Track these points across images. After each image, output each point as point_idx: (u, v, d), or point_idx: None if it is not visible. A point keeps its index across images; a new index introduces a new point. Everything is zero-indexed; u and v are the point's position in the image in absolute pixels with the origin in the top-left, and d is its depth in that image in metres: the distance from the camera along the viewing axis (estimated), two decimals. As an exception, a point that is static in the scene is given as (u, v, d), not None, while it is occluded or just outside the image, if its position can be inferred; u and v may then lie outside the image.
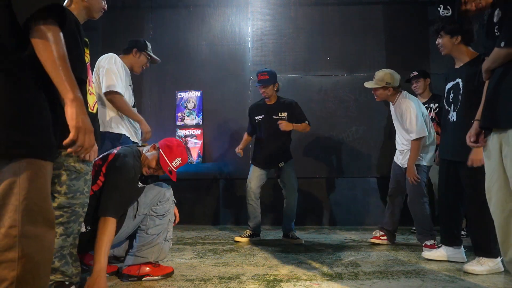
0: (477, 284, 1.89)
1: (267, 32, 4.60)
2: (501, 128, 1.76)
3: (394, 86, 2.99)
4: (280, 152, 3.33)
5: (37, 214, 1.02)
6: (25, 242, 0.98)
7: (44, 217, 1.04)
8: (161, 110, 4.61)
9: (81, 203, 1.59)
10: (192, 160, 4.45)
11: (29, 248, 0.99)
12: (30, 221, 1.00)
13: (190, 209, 4.40)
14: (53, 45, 1.00)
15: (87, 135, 1.07)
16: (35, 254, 1.00)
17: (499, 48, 1.71)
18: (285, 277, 2.03)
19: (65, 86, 1.03)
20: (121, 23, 4.67)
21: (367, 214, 4.30)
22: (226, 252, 2.75)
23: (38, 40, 1.00)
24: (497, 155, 1.78)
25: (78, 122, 1.04)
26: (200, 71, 4.60)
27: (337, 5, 4.58)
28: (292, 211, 3.29)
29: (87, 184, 1.58)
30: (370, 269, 2.21)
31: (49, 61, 1.01)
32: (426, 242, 2.77)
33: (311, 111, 4.44)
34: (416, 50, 4.48)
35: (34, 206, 1.01)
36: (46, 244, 1.05)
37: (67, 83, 1.03)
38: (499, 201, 1.78)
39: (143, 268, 1.99)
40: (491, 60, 1.81)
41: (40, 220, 1.02)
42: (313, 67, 4.51)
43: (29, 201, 0.99)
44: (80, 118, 1.05)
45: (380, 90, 3.01)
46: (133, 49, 2.77)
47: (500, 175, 1.77)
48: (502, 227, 1.78)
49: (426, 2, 4.55)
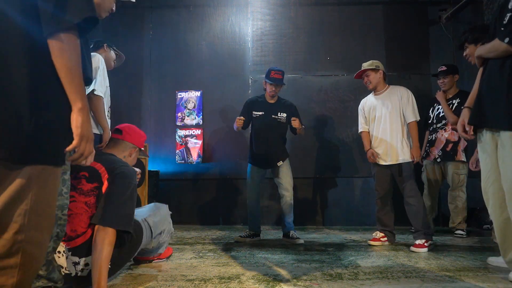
0: (477, 284, 1.89)
1: (267, 32, 4.60)
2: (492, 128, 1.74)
3: (383, 70, 3.11)
4: (277, 150, 3.30)
5: (43, 220, 1.01)
6: (28, 248, 0.97)
7: (48, 222, 1.04)
8: (161, 110, 4.61)
9: (59, 205, 1.46)
10: (192, 160, 4.45)
11: (30, 254, 0.97)
12: (36, 227, 0.98)
13: (190, 209, 4.41)
14: (70, 53, 1.01)
15: (88, 143, 1.08)
16: (34, 261, 0.99)
17: (500, 41, 1.65)
18: (285, 277, 2.03)
19: (76, 94, 1.03)
20: (121, 23, 4.68)
21: (367, 214, 4.30)
22: (226, 252, 2.74)
23: (56, 46, 1.00)
24: (493, 157, 1.76)
25: (83, 131, 1.05)
26: (200, 71, 4.60)
27: (337, 5, 4.58)
28: (289, 210, 3.27)
29: (65, 184, 1.47)
30: (370, 269, 2.21)
31: (64, 68, 1.01)
32: (417, 241, 2.79)
33: (311, 111, 4.45)
34: (416, 50, 4.48)
35: (42, 212, 1.00)
36: (44, 252, 1.04)
37: (78, 92, 1.04)
38: (497, 203, 1.77)
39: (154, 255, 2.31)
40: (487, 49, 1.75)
41: (45, 226, 1.02)
42: (313, 67, 4.52)
43: (38, 206, 0.99)
44: (85, 127, 1.06)
45: (372, 74, 3.08)
46: (104, 44, 2.72)
47: (497, 177, 1.75)
48: (501, 228, 1.77)
49: (426, 2, 4.56)
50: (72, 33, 1.02)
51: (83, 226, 1.71)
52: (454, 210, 3.54)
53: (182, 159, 4.47)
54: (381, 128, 3.08)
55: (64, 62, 1.01)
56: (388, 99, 3.06)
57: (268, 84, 3.28)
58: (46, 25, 0.97)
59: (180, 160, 4.47)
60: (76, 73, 1.03)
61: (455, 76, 3.46)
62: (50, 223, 1.04)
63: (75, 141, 1.05)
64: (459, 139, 3.45)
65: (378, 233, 3.13)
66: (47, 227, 1.03)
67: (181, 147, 4.50)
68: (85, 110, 1.06)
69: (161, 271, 2.17)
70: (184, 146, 4.50)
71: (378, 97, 3.12)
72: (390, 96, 3.07)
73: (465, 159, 3.48)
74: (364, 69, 3.11)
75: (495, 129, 1.72)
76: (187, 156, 4.47)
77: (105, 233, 1.63)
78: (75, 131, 1.04)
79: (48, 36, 0.99)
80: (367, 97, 3.27)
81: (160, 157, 4.49)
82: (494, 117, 1.69)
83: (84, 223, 1.71)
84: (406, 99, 3.01)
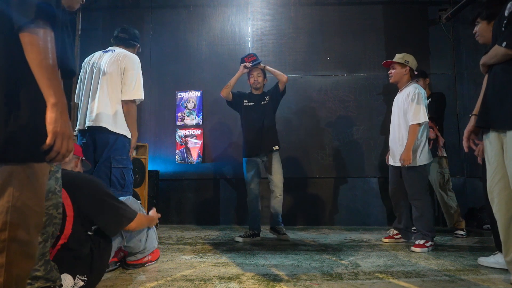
0: (477, 284, 1.89)
1: (267, 32, 4.60)
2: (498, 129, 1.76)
3: (411, 67, 2.99)
4: (271, 136, 3.38)
5: (29, 218, 0.98)
6: (13, 247, 0.94)
7: (36, 221, 1.01)
8: (161, 110, 4.61)
9: (54, 204, 1.44)
10: (192, 160, 4.45)
11: (17, 253, 0.95)
12: (21, 225, 0.96)
13: (190, 209, 4.41)
14: (41, 47, 0.97)
15: (65, 140, 1.03)
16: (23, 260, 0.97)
17: (499, 46, 1.71)
18: (285, 277, 2.03)
19: (48, 89, 0.99)
20: (121, 23, 4.66)
21: (367, 214, 4.30)
22: (226, 252, 2.74)
23: (26, 40, 0.96)
24: (499, 156, 1.77)
25: (56, 127, 1.00)
26: (200, 71, 4.60)
27: (337, 5, 4.58)
28: (279, 205, 3.34)
29: (58, 182, 1.44)
30: (370, 269, 2.21)
31: (35, 62, 0.97)
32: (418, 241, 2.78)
33: (311, 111, 4.45)
34: (416, 50, 4.47)
35: (27, 210, 0.97)
36: (33, 250, 1.02)
37: (51, 87, 1.00)
38: (502, 202, 1.78)
39: (146, 257, 2.28)
40: (489, 56, 1.81)
41: (32, 224, 0.99)
42: (313, 67, 4.52)
43: (22, 204, 0.96)
44: (59, 123, 1.01)
45: (398, 67, 3.00)
46: (137, 46, 2.73)
47: (502, 177, 1.76)
48: (506, 227, 1.77)
49: (426, 2, 4.56)
50: (41, 26, 0.98)
51: None
52: (449, 211, 3.51)
53: (182, 159, 4.47)
54: (391, 128, 3.09)
55: (35, 56, 0.97)
56: (400, 98, 3.00)
57: (250, 76, 3.45)
58: (15, 19, 0.95)
59: (180, 160, 4.47)
60: (48, 67, 0.99)
61: (426, 79, 3.61)
62: (37, 222, 1.01)
63: (48, 138, 1.01)
64: (437, 136, 3.51)
65: (392, 231, 3.18)
66: (35, 225, 1.00)
67: (181, 147, 4.50)
68: (59, 106, 1.01)
69: (161, 271, 2.17)
70: (184, 146, 4.50)
71: (398, 94, 3.07)
72: (403, 94, 2.97)
73: (446, 154, 3.57)
74: (392, 61, 3.04)
75: (500, 129, 1.73)
76: (187, 156, 4.47)
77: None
78: (48, 127, 1.01)
79: (19, 31, 0.96)
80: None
81: (160, 157, 4.49)
82: (499, 118, 1.72)
83: None
84: (411, 98, 2.86)
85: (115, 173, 2.36)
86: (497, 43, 1.74)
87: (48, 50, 0.99)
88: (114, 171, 2.36)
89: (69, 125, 1.05)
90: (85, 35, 4.67)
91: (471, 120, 1.97)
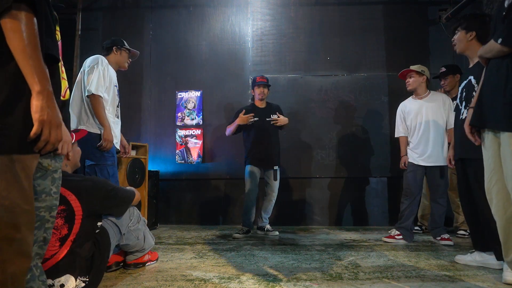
0: (477, 284, 1.89)
1: (267, 32, 4.60)
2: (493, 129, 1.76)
3: (427, 76, 3.21)
4: (275, 152, 3.58)
5: (18, 216, 0.95)
6: (5, 246, 0.92)
7: (26, 219, 0.97)
8: (161, 110, 4.61)
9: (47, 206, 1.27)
10: (192, 160, 4.45)
11: (9, 252, 0.93)
12: (9, 224, 0.93)
13: (190, 209, 4.41)
14: (24, 32, 0.93)
15: (53, 129, 0.99)
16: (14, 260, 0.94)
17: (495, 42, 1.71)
18: (285, 277, 2.03)
19: (32, 76, 0.95)
20: (121, 23, 4.68)
21: (367, 214, 4.30)
22: (226, 252, 2.74)
23: (8, 26, 0.93)
24: (496, 156, 1.77)
25: (42, 116, 0.96)
26: (200, 71, 4.60)
27: (337, 5, 4.58)
28: (270, 208, 3.65)
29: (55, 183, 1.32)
30: (370, 269, 2.21)
31: (18, 49, 0.94)
32: (442, 235, 3.04)
33: (311, 111, 4.45)
34: (416, 50, 4.48)
35: (16, 207, 0.94)
36: (27, 248, 0.99)
37: (36, 74, 0.96)
38: (501, 203, 1.77)
39: (146, 256, 2.33)
40: (485, 50, 1.81)
41: (22, 222, 0.96)
42: (313, 67, 4.52)
43: (9, 201, 0.93)
44: (45, 112, 0.97)
45: (416, 76, 3.20)
46: (113, 47, 2.84)
47: (500, 177, 1.75)
48: (504, 228, 1.77)
49: (426, 2, 4.56)
50: (23, 10, 0.94)
51: (52, 249, 1.69)
52: (457, 210, 3.52)
53: (182, 159, 4.47)
54: (421, 132, 3.16)
55: (17, 42, 0.93)
56: (430, 104, 3.16)
57: (256, 88, 3.60)
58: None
59: (180, 160, 4.47)
60: (32, 54, 0.95)
61: (456, 75, 3.45)
62: (28, 220, 0.98)
63: (34, 128, 0.96)
64: None
65: (394, 231, 3.24)
66: (26, 223, 0.97)
67: (181, 147, 4.50)
68: (45, 94, 0.97)
69: (161, 271, 2.17)
70: (184, 146, 4.50)
71: (420, 101, 3.22)
72: (433, 101, 3.17)
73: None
74: (409, 69, 3.22)
75: (496, 130, 1.73)
76: (187, 156, 4.47)
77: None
78: (33, 116, 0.96)
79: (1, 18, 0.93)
80: (405, 102, 3.35)
81: (160, 157, 4.49)
82: (494, 118, 1.71)
83: (52, 246, 1.70)
84: (449, 106, 3.14)
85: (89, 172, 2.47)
86: (493, 38, 1.73)
87: (32, 35, 0.95)
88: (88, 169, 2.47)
89: (57, 113, 1.01)
90: (85, 35, 4.67)
91: (469, 113, 1.96)
